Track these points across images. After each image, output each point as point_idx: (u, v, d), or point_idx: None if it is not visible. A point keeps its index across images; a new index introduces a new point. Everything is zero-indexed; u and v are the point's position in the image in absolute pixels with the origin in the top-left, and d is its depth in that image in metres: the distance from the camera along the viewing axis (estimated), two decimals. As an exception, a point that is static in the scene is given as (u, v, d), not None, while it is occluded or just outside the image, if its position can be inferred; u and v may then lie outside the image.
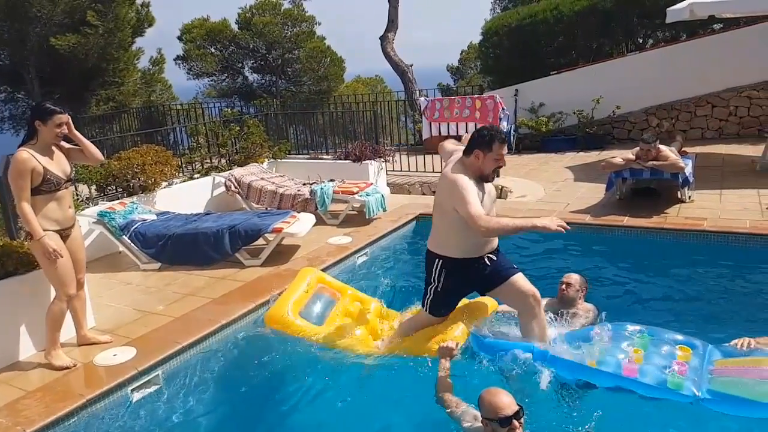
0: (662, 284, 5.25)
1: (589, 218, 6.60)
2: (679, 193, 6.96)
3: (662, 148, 6.74)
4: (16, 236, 4.91)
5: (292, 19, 19.09)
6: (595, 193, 7.64)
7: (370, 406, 3.57)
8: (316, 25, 19.44)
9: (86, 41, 13.28)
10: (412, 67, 14.24)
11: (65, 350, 4.14)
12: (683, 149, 7.82)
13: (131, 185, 7.02)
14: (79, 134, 4.07)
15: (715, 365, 3.45)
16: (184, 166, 8.59)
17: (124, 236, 6.03)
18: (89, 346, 4.28)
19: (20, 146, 3.90)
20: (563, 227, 3.37)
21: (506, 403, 2.70)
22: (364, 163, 8.41)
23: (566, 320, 4.09)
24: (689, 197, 6.98)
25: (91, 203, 6.72)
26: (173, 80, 19.26)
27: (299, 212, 6.59)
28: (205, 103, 16.54)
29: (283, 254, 6.07)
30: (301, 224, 6.10)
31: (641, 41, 14.19)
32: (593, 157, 10.36)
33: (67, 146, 4.12)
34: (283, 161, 9.36)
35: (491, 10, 21.53)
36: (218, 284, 5.40)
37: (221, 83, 20.06)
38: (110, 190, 7.10)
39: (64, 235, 4.03)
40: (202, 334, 4.32)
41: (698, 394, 3.20)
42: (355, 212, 7.44)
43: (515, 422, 2.66)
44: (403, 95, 14.19)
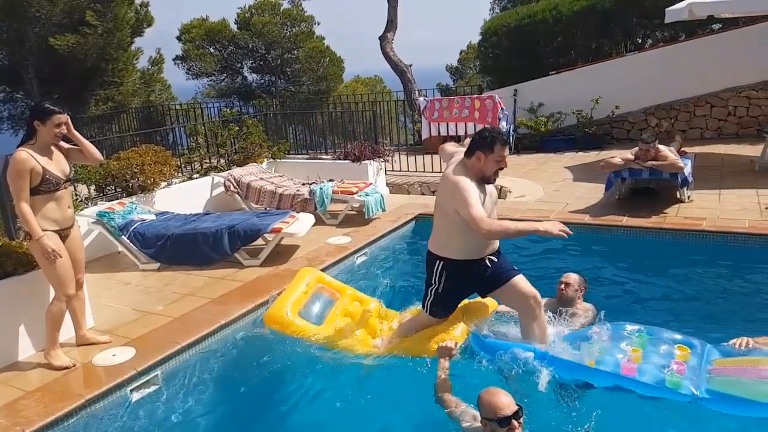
0: (661, 284, 5.26)
1: (588, 218, 6.60)
2: (678, 193, 6.97)
3: (661, 148, 6.75)
4: (15, 236, 4.91)
5: (291, 19, 19.09)
6: (594, 193, 7.64)
7: (369, 406, 3.57)
8: (315, 25, 19.46)
9: (85, 41, 13.28)
10: (411, 67, 14.24)
11: (64, 350, 4.14)
12: (682, 149, 7.82)
13: (130, 185, 7.02)
14: (78, 134, 4.07)
15: (713, 365, 3.45)
16: (183, 166, 8.59)
17: (123, 236, 6.03)
18: (88, 346, 4.29)
19: (19, 146, 3.90)
20: (565, 232, 3.37)
21: (505, 403, 2.70)
22: (363, 163, 8.41)
23: (565, 319, 4.09)
24: (688, 197, 6.99)
25: (90, 203, 6.72)
26: (172, 80, 19.28)
27: (298, 212, 6.59)
28: (204, 103, 16.53)
29: (282, 254, 6.07)
30: (300, 224, 6.09)
31: (640, 41, 14.19)
32: (592, 157, 10.36)
33: (66, 146, 4.11)
34: (282, 161, 9.36)
35: (490, 10, 21.54)
36: (217, 284, 5.40)
37: (220, 83, 20.05)
38: (109, 190, 7.10)
39: (63, 235, 4.03)
40: (201, 334, 4.32)
41: (697, 393, 3.20)
42: (354, 212, 7.44)
43: (514, 422, 2.66)
44: (402, 95, 14.19)
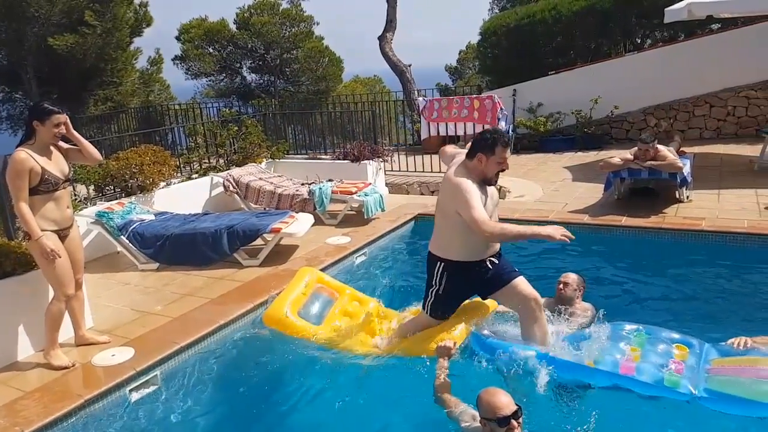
0: (660, 284, 5.26)
1: (587, 218, 6.61)
2: (677, 193, 6.97)
3: (660, 148, 6.75)
4: (14, 236, 4.91)
5: (290, 19, 19.08)
6: (593, 193, 7.64)
7: (368, 406, 3.57)
8: (314, 25, 19.46)
9: (84, 41, 13.27)
10: (410, 67, 14.22)
11: (63, 351, 4.13)
12: (681, 149, 7.83)
13: (129, 185, 7.02)
14: (77, 134, 4.07)
15: (712, 364, 3.46)
16: (182, 166, 8.59)
17: (122, 236, 6.02)
18: (87, 346, 4.28)
19: (18, 146, 3.90)
20: (567, 237, 3.35)
21: (505, 402, 2.70)
22: (362, 163, 8.41)
23: (564, 318, 4.10)
24: (687, 197, 6.99)
25: (89, 203, 6.72)
26: (171, 80, 19.28)
27: (297, 212, 6.59)
28: (203, 103, 16.52)
29: (281, 254, 6.07)
30: (299, 224, 6.09)
31: (639, 41, 14.20)
32: (591, 157, 10.36)
33: (65, 146, 4.11)
34: (281, 161, 9.36)
35: (489, 10, 21.56)
36: (216, 284, 5.40)
37: (219, 83, 20.04)
38: (108, 190, 7.10)
39: (62, 235, 4.03)
40: (200, 334, 4.31)
41: (695, 392, 3.21)
42: (353, 212, 7.44)
43: (513, 422, 2.66)
44: (401, 95, 14.18)
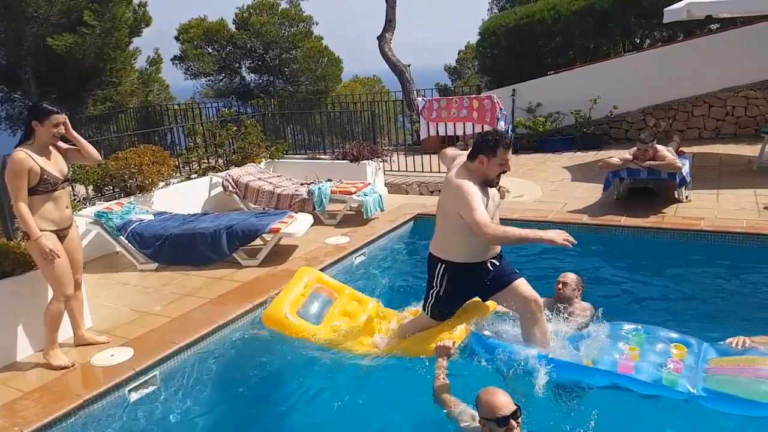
0: (659, 284, 5.27)
1: (586, 218, 6.61)
2: (676, 192, 6.98)
3: (659, 147, 6.75)
4: (13, 236, 4.91)
5: (289, 19, 19.08)
6: (592, 193, 7.65)
7: (368, 406, 3.57)
8: (313, 25, 19.47)
9: (83, 41, 13.26)
10: (409, 67, 14.22)
11: (62, 351, 4.13)
12: (680, 149, 7.83)
13: (128, 185, 7.01)
14: (76, 134, 4.07)
15: (710, 363, 3.46)
16: (181, 166, 8.58)
17: (121, 236, 6.02)
18: (86, 346, 4.28)
19: (17, 146, 3.89)
20: (569, 242, 3.34)
21: (504, 402, 2.70)
22: (361, 163, 8.41)
23: (564, 317, 4.10)
24: (686, 197, 6.99)
25: (88, 203, 6.71)
26: (170, 80, 19.26)
27: (297, 212, 6.59)
28: (202, 103, 16.52)
29: (280, 254, 6.07)
30: (298, 224, 6.09)
31: (638, 41, 14.21)
32: (590, 157, 10.37)
33: (64, 146, 4.11)
34: (280, 161, 9.35)
35: (489, 10, 21.57)
36: (215, 284, 5.40)
37: (218, 83, 20.04)
38: (107, 190, 7.10)
39: (61, 235, 4.03)
40: (199, 334, 4.31)
41: (693, 391, 3.21)
42: (352, 212, 7.44)
43: (513, 422, 2.66)
44: (400, 95, 14.18)
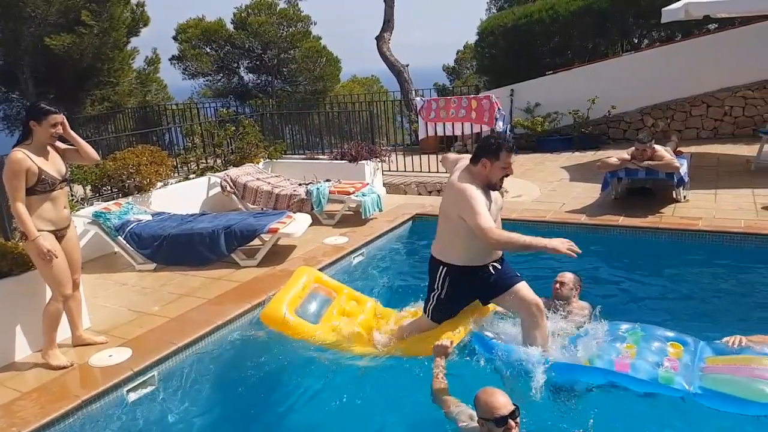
0: (657, 283, 5.27)
1: (584, 218, 6.62)
2: (674, 192, 6.99)
3: (657, 147, 6.77)
4: (10, 237, 4.90)
5: (287, 19, 19.08)
6: (590, 192, 7.66)
7: (366, 406, 3.57)
8: (311, 25, 19.48)
9: (81, 41, 13.24)
10: (408, 67, 14.22)
11: (60, 351, 4.12)
12: (678, 149, 7.85)
13: (126, 185, 7.00)
14: (74, 134, 4.07)
15: (706, 362, 3.47)
16: (179, 166, 8.57)
17: (119, 237, 6.01)
18: (84, 347, 4.27)
19: (15, 146, 3.89)
20: (573, 251, 3.31)
21: (502, 402, 2.70)
22: (360, 163, 8.41)
23: (561, 316, 4.11)
24: (684, 197, 7.01)
25: (86, 204, 6.70)
26: (168, 80, 19.24)
27: (295, 212, 6.58)
28: (200, 103, 16.52)
29: (279, 255, 6.06)
30: (297, 224, 6.09)
31: (637, 41, 14.22)
32: (589, 157, 10.38)
33: (62, 146, 4.10)
34: (278, 161, 9.35)
35: (487, 10, 21.57)
36: (214, 285, 5.39)
37: (217, 83, 20.03)
38: (105, 190, 7.09)
39: (59, 235, 4.02)
40: (197, 334, 4.31)
41: (689, 389, 3.22)
42: (351, 212, 7.44)
43: (511, 422, 2.66)
44: (399, 95, 14.17)
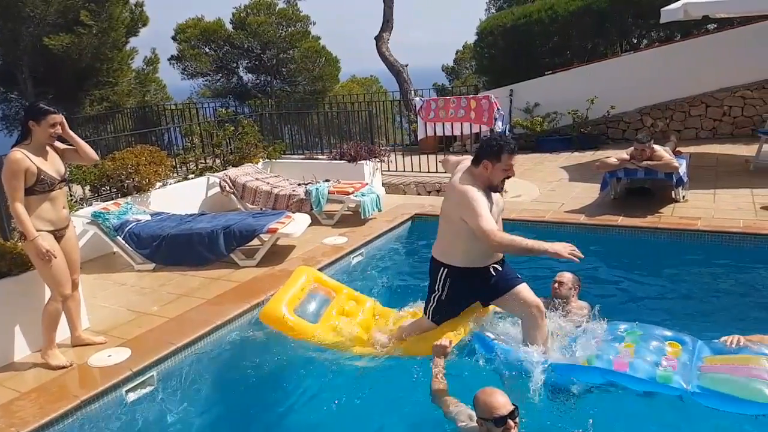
0: (656, 283, 5.28)
1: (583, 218, 6.62)
2: (673, 192, 6.99)
3: (656, 147, 6.77)
4: (9, 237, 4.90)
5: (286, 18, 19.08)
6: (589, 192, 7.66)
7: (365, 406, 3.57)
8: (311, 25, 19.47)
9: (80, 41, 13.23)
10: (407, 67, 14.22)
11: (59, 351, 4.11)
12: (677, 149, 7.85)
13: (125, 186, 7.00)
14: (73, 134, 4.07)
15: (704, 362, 3.47)
16: (178, 166, 8.57)
17: (118, 237, 6.01)
18: (84, 347, 4.27)
19: (14, 146, 3.89)
20: (576, 256, 3.31)
21: (501, 402, 2.70)
22: (359, 163, 8.40)
23: (560, 314, 4.11)
24: (683, 197, 7.01)
25: (85, 204, 6.70)
26: (167, 80, 19.22)
27: (294, 213, 6.58)
28: (199, 103, 16.51)
29: (278, 255, 6.06)
30: (296, 224, 6.09)
31: (636, 41, 14.22)
32: (588, 157, 10.38)
33: (61, 146, 4.10)
34: (278, 161, 9.34)
35: (486, 10, 21.57)
36: (213, 285, 5.39)
37: (216, 83, 20.03)
38: (104, 190, 7.08)
39: (58, 235, 4.02)
40: (196, 334, 4.31)
41: (687, 387, 3.22)
42: (350, 212, 7.44)
43: (510, 422, 2.66)
44: (398, 95, 14.16)
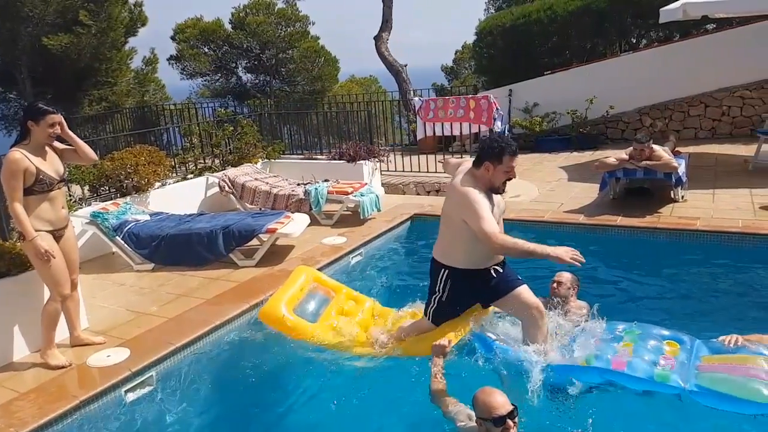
0: (655, 283, 5.28)
1: (582, 218, 6.62)
2: (672, 192, 7.00)
3: (655, 147, 6.77)
4: (8, 237, 4.89)
5: (285, 18, 19.08)
6: (588, 192, 7.66)
7: (364, 406, 3.57)
8: (310, 24, 19.47)
9: (79, 41, 13.22)
10: (406, 67, 14.22)
11: (59, 351, 4.11)
12: (676, 149, 7.85)
13: (124, 186, 7.00)
14: (72, 134, 4.06)
15: (701, 361, 3.47)
16: (177, 166, 8.57)
17: (117, 237, 6.01)
18: (83, 347, 4.27)
19: (12, 146, 3.88)
20: (577, 260, 3.30)
21: (500, 402, 2.70)
22: (358, 163, 8.40)
23: (558, 313, 4.12)
24: (682, 197, 7.01)
25: (83, 204, 6.69)
26: (166, 80, 19.22)
27: (293, 212, 6.58)
28: (198, 103, 16.50)
29: (277, 255, 6.06)
30: (295, 224, 6.09)
31: (635, 41, 14.23)
32: (587, 157, 10.38)
33: (60, 146, 4.10)
34: (277, 161, 9.34)
35: (485, 10, 21.57)
36: (212, 285, 5.39)
37: (215, 83, 20.02)
38: (103, 190, 7.08)
39: (57, 235, 4.02)
40: (195, 334, 4.31)
41: (685, 386, 3.22)
42: (349, 212, 7.44)
43: (509, 422, 2.66)
44: (397, 95, 14.17)
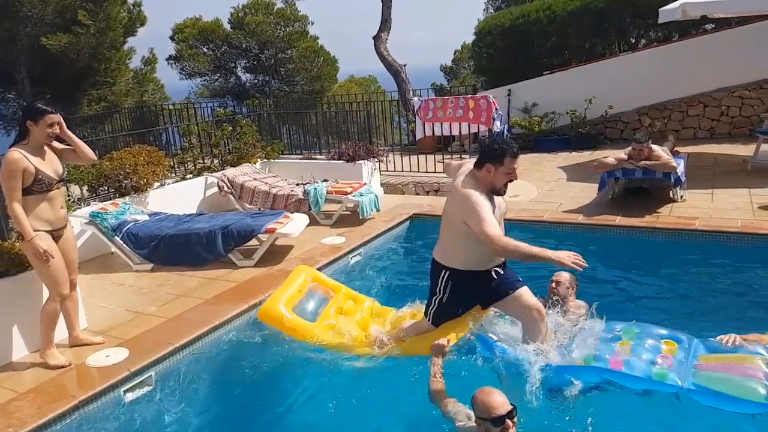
0: (654, 283, 5.28)
1: (581, 218, 6.62)
2: (671, 192, 7.00)
3: (654, 147, 6.77)
4: (7, 237, 4.89)
5: (285, 18, 19.08)
6: (587, 192, 7.67)
7: (363, 405, 3.57)
8: (309, 24, 19.47)
9: (77, 41, 13.22)
10: (405, 66, 14.23)
11: (58, 351, 4.11)
12: (675, 149, 7.86)
13: (123, 186, 6.99)
14: (71, 134, 4.06)
15: (699, 360, 3.48)
16: (176, 166, 8.57)
17: (116, 237, 6.00)
18: (81, 347, 4.27)
19: (11, 146, 3.88)
20: (579, 265, 3.30)
21: (499, 402, 2.70)
22: (357, 163, 8.40)
23: (557, 312, 4.12)
24: (681, 197, 7.02)
25: (82, 204, 6.69)
26: (165, 80, 19.22)
27: (292, 212, 6.58)
28: (197, 103, 16.48)
29: (276, 255, 6.06)
30: (294, 224, 6.08)
31: (634, 41, 14.24)
32: (586, 156, 10.39)
33: (59, 146, 4.10)
34: (276, 161, 9.33)
35: (484, 10, 21.57)
36: (211, 285, 5.39)
37: (214, 83, 20.02)
38: (102, 190, 7.08)
39: (56, 235, 4.01)
40: (194, 335, 4.30)
41: (682, 384, 3.23)
42: (348, 212, 7.44)
43: (508, 422, 2.67)
44: (396, 95, 14.17)
